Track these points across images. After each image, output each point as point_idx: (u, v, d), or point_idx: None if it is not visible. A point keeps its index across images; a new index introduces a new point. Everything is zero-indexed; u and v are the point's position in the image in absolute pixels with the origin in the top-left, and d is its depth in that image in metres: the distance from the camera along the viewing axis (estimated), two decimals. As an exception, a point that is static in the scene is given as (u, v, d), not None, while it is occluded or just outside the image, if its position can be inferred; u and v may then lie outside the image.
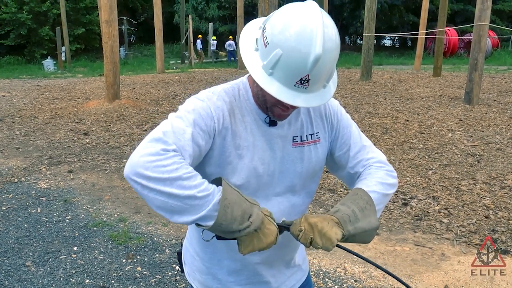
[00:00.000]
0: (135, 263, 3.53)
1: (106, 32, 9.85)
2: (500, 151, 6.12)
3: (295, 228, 1.23)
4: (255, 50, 1.21)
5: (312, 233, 1.20)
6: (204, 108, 1.24)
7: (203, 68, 22.35)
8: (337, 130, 1.45)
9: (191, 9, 33.25)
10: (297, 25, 1.12)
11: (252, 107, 1.34)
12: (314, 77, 1.15)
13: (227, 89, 1.34)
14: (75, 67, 24.60)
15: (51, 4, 27.56)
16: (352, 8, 32.75)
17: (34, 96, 12.37)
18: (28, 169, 5.97)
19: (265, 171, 1.33)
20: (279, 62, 1.14)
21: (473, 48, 9.09)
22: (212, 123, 1.24)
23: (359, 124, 7.93)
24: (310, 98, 1.19)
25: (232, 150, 1.28)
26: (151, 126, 8.17)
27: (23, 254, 3.68)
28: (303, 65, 1.12)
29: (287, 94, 1.16)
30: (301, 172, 1.39)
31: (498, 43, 28.60)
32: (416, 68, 18.63)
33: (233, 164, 1.29)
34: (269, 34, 1.16)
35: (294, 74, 1.14)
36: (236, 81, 1.38)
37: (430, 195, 4.71)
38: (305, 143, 1.39)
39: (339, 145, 1.45)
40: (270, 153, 1.34)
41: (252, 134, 1.32)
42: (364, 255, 1.37)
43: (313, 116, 1.42)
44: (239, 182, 1.30)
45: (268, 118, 1.33)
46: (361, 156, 1.44)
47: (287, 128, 1.37)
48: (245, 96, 1.34)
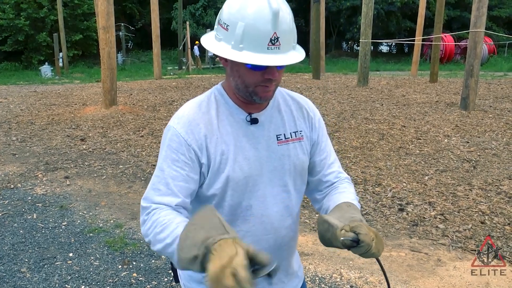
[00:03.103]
0: (131, 269, 3.53)
1: (104, 38, 9.87)
2: (496, 156, 6.15)
3: (368, 239, 1.16)
4: (219, 41, 1.26)
5: (379, 242, 1.20)
6: (176, 140, 1.31)
7: (201, 74, 22.39)
8: (318, 135, 1.49)
9: (188, 15, 33.34)
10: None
11: (231, 109, 1.37)
12: (281, 34, 1.20)
13: (199, 102, 1.38)
14: (72, 73, 24.63)
15: (48, 10, 27.59)
16: (349, 14, 32.89)
17: (31, 102, 12.37)
18: (25, 175, 5.95)
19: (252, 170, 1.35)
20: (245, 33, 1.19)
21: (469, 55, 9.15)
22: (186, 148, 1.30)
23: (355, 130, 7.99)
24: (286, 58, 1.22)
25: (217, 157, 1.31)
26: (148, 132, 8.17)
27: (18, 260, 3.66)
28: (267, 24, 1.17)
29: (263, 58, 1.20)
30: (290, 169, 1.41)
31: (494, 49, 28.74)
32: (413, 74, 18.73)
33: (221, 168, 1.32)
34: (227, 19, 1.22)
35: (262, 37, 1.18)
36: (210, 91, 1.42)
37: (426, 200, 4.72)
38: (289, 140, 1.41)
39: (318, 150, 1.49)
40: (255, 152, 1.36)
41: (233, 136, 1.34)
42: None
43: (295, 115, 1.45)
44: (228, 184, 1.33)
45: (249, 117, 1.36)
46: (335, 168, 1.51)
47: (268, 126, 1.39)
48: (222, 101, 1.38)
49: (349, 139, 7.22)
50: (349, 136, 7.36)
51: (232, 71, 1.30)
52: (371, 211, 4.53)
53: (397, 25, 32.45)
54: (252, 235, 1.39)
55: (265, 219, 1.39)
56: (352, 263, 3.50)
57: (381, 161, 6.05)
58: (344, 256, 3.59)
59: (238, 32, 1.19)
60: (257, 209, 1.38)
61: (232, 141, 1.33)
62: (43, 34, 27.25)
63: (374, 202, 4.74)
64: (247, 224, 1.38)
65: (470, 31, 9.08)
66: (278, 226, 1.41)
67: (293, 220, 1.46)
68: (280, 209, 1.41)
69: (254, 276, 0.96)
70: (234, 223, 1.38)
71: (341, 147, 6.73)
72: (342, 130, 7.81)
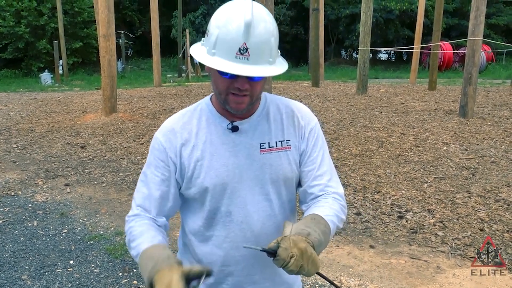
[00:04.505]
0: (132, 277, 3.54)
1: (104, 46, 9.92)
2: (495, 164, 6.17)
3: (286, 254, 1.16)
4: (201, 46, 1.33)
5: (302, 260, 1.17)
6: (156, 148, 1.43)
7: (200, 82, 22.43)
8: (308, 144, 1.46)
9: (188, 23, 33.45)
10: (232, 5, 1.26)
11: (214, 117, 1.42)
12: (252, 45, 1.21)
13: (184, 111, 1.47)
14: (72, 80, 24.64)
15: (49, 18, 27.66)
16: (348, 22, 33.01)
17: (31, 110, 12.39)
18: (25, 182, 5.97)
19: (231, 177, 1.38)
20: (218, 39, 1.24)
21: (467, 63, 9.20)
22: (165, 155, 1.40)
23: (355, 137, 7.99)
24: (253, 69, 1.23)
25: (191, 163, 1.39)
26: (148, 140, 8.19)
27: (19, 267, 3.67)
28: (237, 33, 1.21)
29: (228, 65, 1.22)
30: (272, 178, 1.41)
31: (492, 57, 28.86)
32: (412, 82, 18.77)
33: (195, 174, 1.38)
34: (209, 25, 1.29)
35: (231, 45, 1.22)
36: (198, 102, 1.49)
37: (426, 208, 4.74)
38: (273, 150, 1.41)
39: (306, 161, 1.45)
40: (235, 159, 1.38)
41: (212, 143, 1.39)
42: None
43: (285, 124, 1.45)
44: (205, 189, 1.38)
45: (230, 124, 1.39)
46: (323, 181, 1.44)
47: (252, 134, 1.41)
48: (206, 110, 1.44)
49: (348, 146, 7.25)
50: (349, 144, 7.39)
51: (211, 77, 1.36)
52: (371, 219, 4.54)
53: (396, 33, 32.56)
54: (231, 241, 1.41)
55: (245, 226, 1.40)
56: (352, 270, 3.52)
57: (381, 169, 6.07)
58: (344, 264, 3.60)
59: (213, 39, 1.25)
60: (237, 216, 1.39)
61: (208, 148, 1.38)
62: (43, 41, 27.30)
63: (374, 210, 4.75)
64: (226, 230, 1.41)
65: (468, 39, 9.14)
66: (259, 233, 1.41)
67: (277, 229, 1.43)
68: (262, 217, 1.41)
69: (197, 285, 1.18)
70: (213, 228, 1.42)
71: (341, 155, 6.76)
72: (341, 137, 7.84)
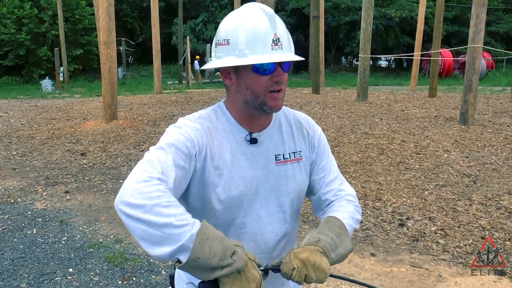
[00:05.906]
0: (131, 285, 3.51)
1: (104, 53, 9.94)
2: (496, 171, 6.16)
3: (287, 268, 1.20)
4: (221, 59, 1.30)
5: (305, 269, 1.19)
6: (183, 134, 1.29)
7: (201, 89, 22.48)
8: (317, 154, 1.48)
9: (188, 30, 33.60)
10: (243, 9, 1.30)
11: (232, 127, 1.38)
12: (281, 34, 1.27)
13: (203, 115, 1.39)
14: (73, 87, 24.70)
15: (50, 25, 27.81)
16: (348, 29, 33.16)
17: (31, 117, 12.40)
18: (25, 189, 5.95)
19: (248, 189, 1.35)
20: (247, 39, 1.25)
21: (467, 70, 9.22)
22: (191, 146, 1.27)
23: (355, 145, 7.97)
24: (291, 56, 1.29)
25: (212, 170, 1.31)
26: (148, 147, 8.15)
27: (18, 275, 3.65)
28: (265, 27, 1.25)
29: (273, 57, 1.25)
30: (288, 190, 1.41)
31: (492, 64, 28.95)
32: (412, 89, 18.81)
33: (214, 183, 1.32)
34: (226, 35, 1.29)
35: (265, 39, 1.25)
36: (213, 106, 1.43)
37: (427, 215, 4.72)
38: (288, 161, 1.41)
39: (317, 169, 1.48)
40: (252, 171, 1.36)
41: (231, 154, 1.34)
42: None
43: (295, 135, 1.45)
44: (222, 201, 1.32)
45: (249, 136, 1.37)
46: (334, 186, 1.47)
47: (268, 146, 1.40)
48: (223, 118, 1.39)
49: (348, 154, 7.23)
50: (349, 151, 7.38)
51: (239, 86, 1.31)
52: (372, 226, 4.52)
53: (396, 40, 32.69)
54: None
55: (259, 238, 1.39)
56: (353, 278, 3.49)
57: (381, 176, 6.06)
58: (344, 272, 3.58)
59: (241, 41, 1.25)
60: (251, 228, 1.38)
61: (229, 158, 1.34)
62: (44, 48, 27.42)
63: (375, 217, 4.73)
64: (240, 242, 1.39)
65: (469, 46, 9.16)
66: (272, 245, 1.41)
67: (288, 240, 1.46)
68: (275, 229, 1.41)
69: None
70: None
71: (341, 162, 6.74)
72: (341, 145, 7.83)
